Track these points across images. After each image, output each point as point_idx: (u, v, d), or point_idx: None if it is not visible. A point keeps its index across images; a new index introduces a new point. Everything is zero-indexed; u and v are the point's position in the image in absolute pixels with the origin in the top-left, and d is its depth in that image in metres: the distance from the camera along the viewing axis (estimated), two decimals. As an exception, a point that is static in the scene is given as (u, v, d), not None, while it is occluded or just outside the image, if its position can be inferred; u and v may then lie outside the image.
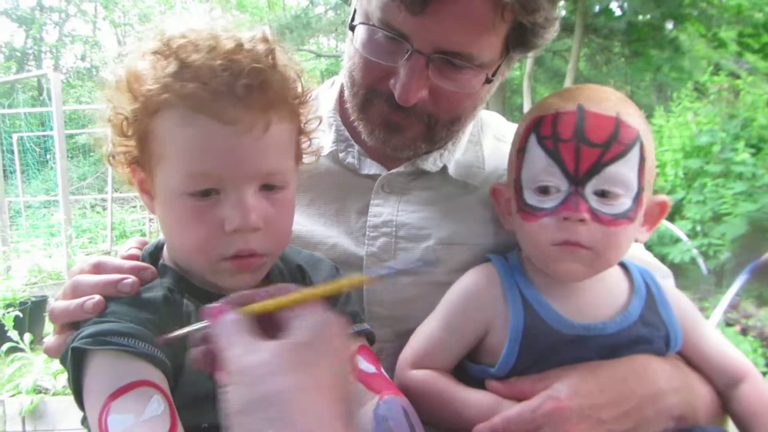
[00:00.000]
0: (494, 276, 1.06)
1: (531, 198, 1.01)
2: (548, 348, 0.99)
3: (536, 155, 1.00)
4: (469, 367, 1.07)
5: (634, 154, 0.96)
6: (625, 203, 0.97)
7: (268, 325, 0.71)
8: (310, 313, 0.71)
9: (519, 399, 0.97)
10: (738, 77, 8.22)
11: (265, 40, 0.84)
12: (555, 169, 0.98)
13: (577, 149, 0.97)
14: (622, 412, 0.94)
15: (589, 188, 0.96)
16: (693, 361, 1.06)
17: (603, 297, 1.03)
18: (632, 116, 0.99)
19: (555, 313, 0.99)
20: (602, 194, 0.96)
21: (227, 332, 0.69)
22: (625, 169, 0.96)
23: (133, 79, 0.81)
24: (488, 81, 1.08)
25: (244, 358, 0.65)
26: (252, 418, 0.61)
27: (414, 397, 0.94)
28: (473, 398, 1.01)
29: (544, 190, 0.99)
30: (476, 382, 1.04)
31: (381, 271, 0.76)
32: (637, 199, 0.98)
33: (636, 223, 1.00)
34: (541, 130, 1.01)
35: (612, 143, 0.96)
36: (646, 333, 1.01)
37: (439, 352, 1.05)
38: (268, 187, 0.82)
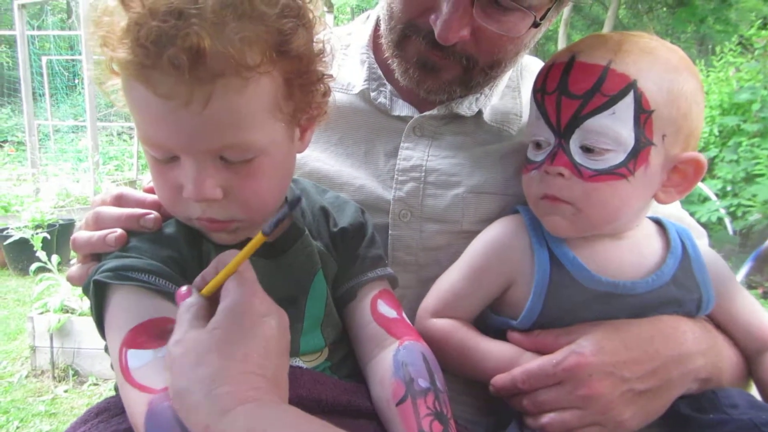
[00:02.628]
0: (521, 227, 1.03)
1: (530, 151, 1.02)
2: (573, 304, 0.97)
3: (531, 109, 1.02)
4: (491, 318, 1.06)
5: (624, 105, 0.89)
6: (613, 158, 0.91)
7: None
8: (229, 293, 0.70)
9: (541, 352, 0.96)
10: (788, 33, 7.82)
11: None
12: (542, 122, 0.97)
13: (558, 101, 0.94)
14: (646, 371, 0.92)
15: (573, 142, 0.93)
16: (722, 324, 1.04)
17: (635, 255, 1.00)
18: (633, 64, 0.90)
19: (583, 268, 0.97)
20: (587, 149, 0.92)
21: (178, 319, 0.70)
22: (609, 122, 0.90)
23: (96, 25, 0.72)
24: (535, 25, 1.02)
25: (173, 349, 0.67)
26: (176, 406, 0.65)
27: (434, 346, 0.94)
28: (494, 349, 1.00)
29: (537, 144, 0.99)
30: (497, 333, 1.03)
31: (267, 227, 0.69)
32: (637, 154, 0.91)
33: (640, 179, 0.92)
34: (536, 82, 1.01)
35: (593, 94, 0.90)
36: (678, 294, 0.99)
37: (461, 301, 1.04)
38: (229, 159, 0.75)
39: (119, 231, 0.82)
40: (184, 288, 0.74)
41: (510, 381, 0.95)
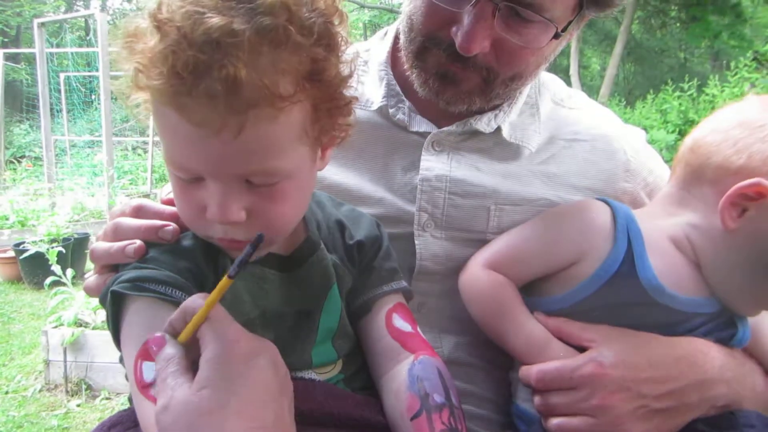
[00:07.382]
0: (608, 213, 1.00)
1: None
2: (622, 301, 0.95)
3: None
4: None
5: None
6: None
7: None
8: (208, 342, 0.67)
9: (562, 340, 0.96)
10: (802, 48, 7.79)
11: (283, 6, 0.69)
12: None
13: None
14: (664, 391, 0.91)
15: None
16: (751, 350, 1.02)
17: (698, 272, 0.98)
18: None
19: (651, 273, 0.94)
20: None
21: (160, 373, 0.68)
22: None
23: (127, 47, 0.72)
24: (556, 36, 1.01)
25: (161, 418, 0.64)
26: None
27: (477, 296, 0.93)
28: (528, 325, 0.99)
29: None
30: None
31: (232, 270, 0.69)
32: None
33: None
34: None
35: None
36: (722, 323, 0.98)
37: (521, 262, 1.02)
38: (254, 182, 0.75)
39: (138, 242, 0.82)
40: (157, 334, 0.71)
41: (525, 376, 0.96)
